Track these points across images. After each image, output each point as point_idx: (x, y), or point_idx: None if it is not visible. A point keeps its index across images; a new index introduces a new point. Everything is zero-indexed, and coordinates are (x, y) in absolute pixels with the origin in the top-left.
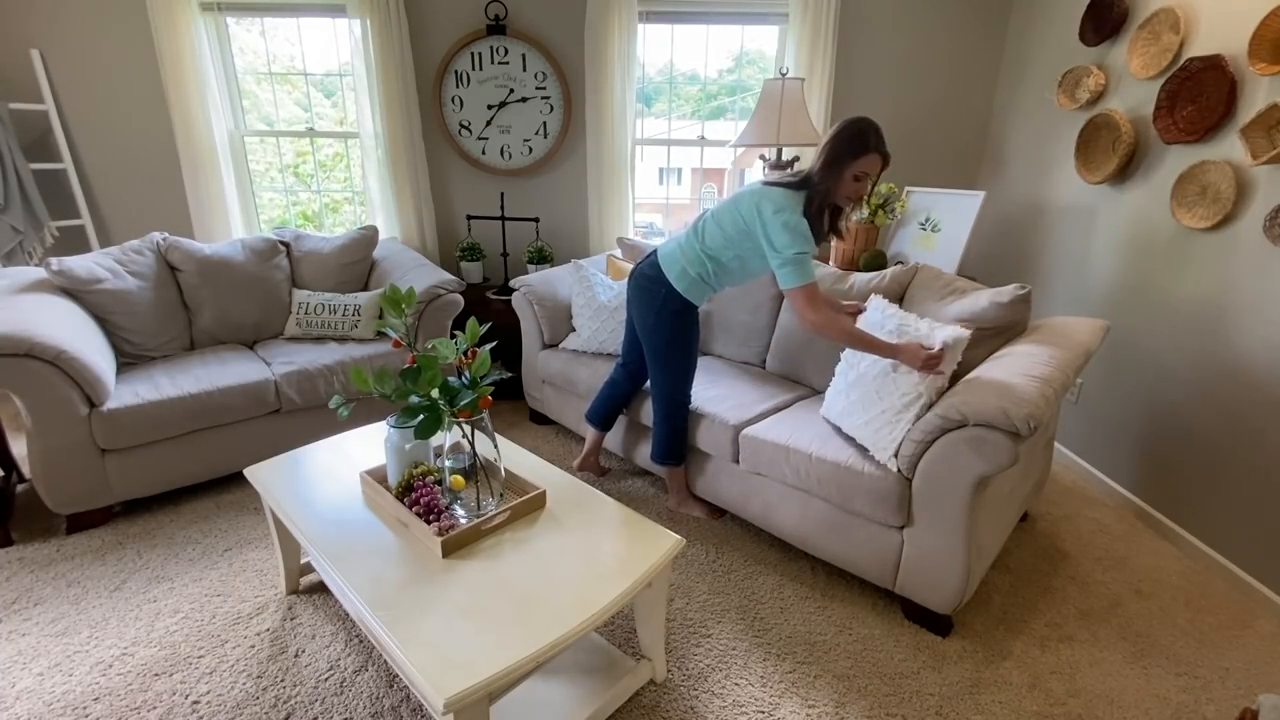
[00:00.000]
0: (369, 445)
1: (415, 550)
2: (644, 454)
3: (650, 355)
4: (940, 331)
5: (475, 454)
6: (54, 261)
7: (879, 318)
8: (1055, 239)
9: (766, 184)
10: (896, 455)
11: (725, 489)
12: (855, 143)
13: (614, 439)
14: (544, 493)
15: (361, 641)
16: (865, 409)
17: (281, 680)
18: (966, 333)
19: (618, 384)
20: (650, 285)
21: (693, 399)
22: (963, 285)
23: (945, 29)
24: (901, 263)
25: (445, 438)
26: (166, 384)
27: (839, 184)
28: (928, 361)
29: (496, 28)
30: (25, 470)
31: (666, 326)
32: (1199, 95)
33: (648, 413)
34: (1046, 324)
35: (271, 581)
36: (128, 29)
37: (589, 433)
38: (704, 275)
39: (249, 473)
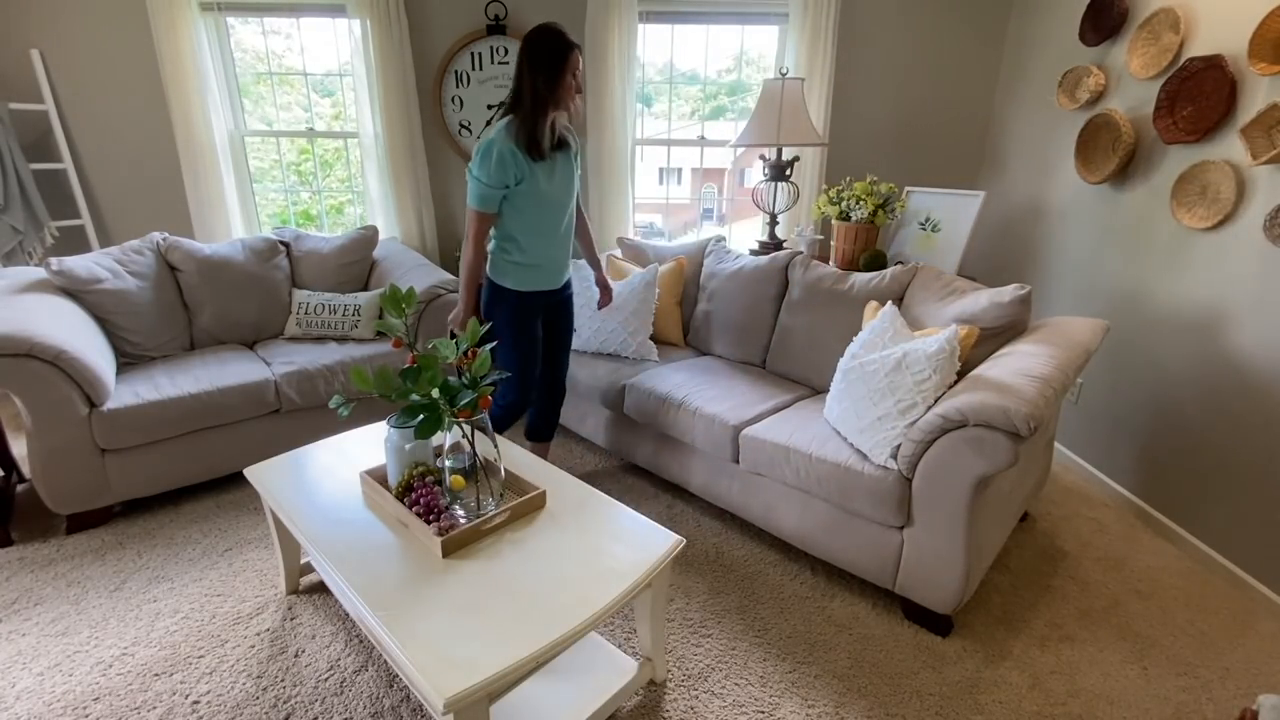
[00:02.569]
0: (369, 445)
1: (415, 550)
2: (642, 453)
3: (569, 346)
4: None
5: (475, 454)
6: (54, 261)
7: (885, 325)
8: (1055, 239)
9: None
10: (895, 457)
11: (725, 489)
12: (561, 46)
13: (612, 438)
14: (544, 493)
15: (361, 641)
16: (859, 415)
17: (281, 680)
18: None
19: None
20: (571, 293)
21: (692, 399)
22: (962, 285)
23: (945, 29)
24: (901, 263)
25: (445, 438)
26: (166, 384)
27: (565, 90)
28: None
29: (496, 28)
30: (25, 470)
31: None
32: (1199, 95)
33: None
34: (1046, 324)
35: (271, 581)
36: (128, 29)
37: (530, 448)
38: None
39: (249, 473)
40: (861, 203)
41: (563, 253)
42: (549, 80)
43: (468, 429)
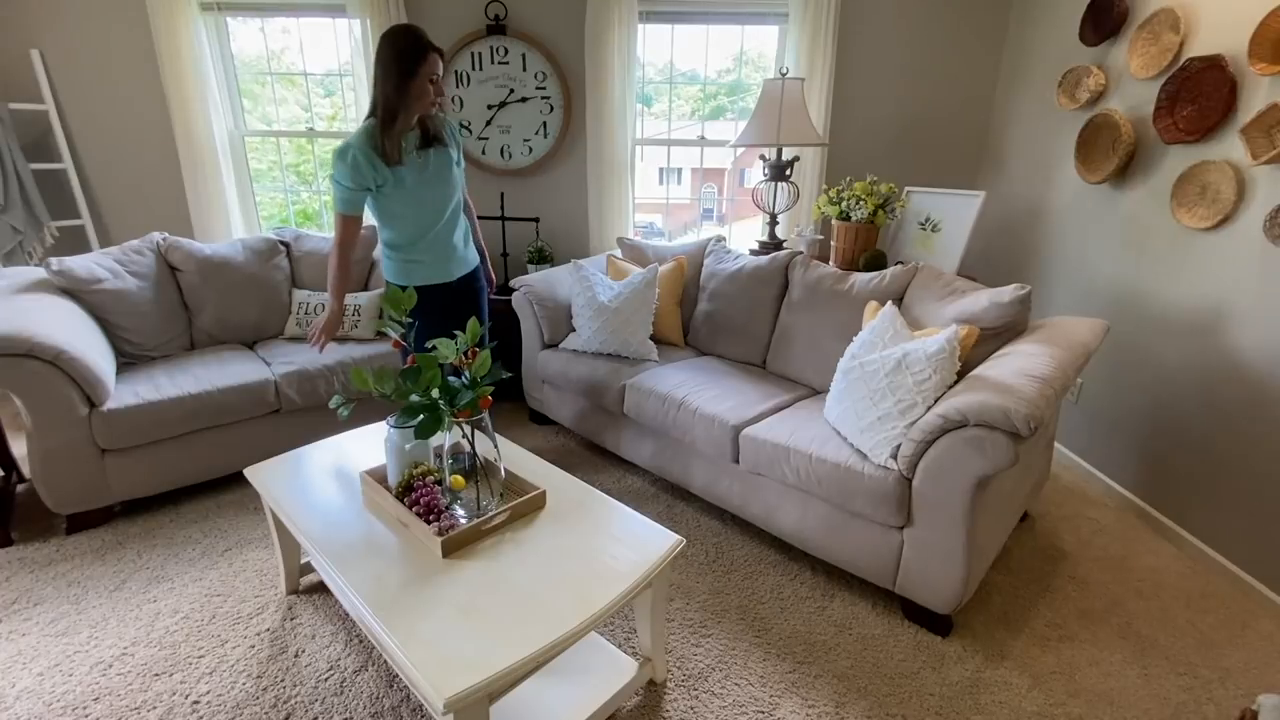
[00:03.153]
0: (369, 445)
1: (415, 550)
2: (642, 453)
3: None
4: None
5: (475, 454)
6: (54, 261)
7: (885, 324)
8: (1055, 239)
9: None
10: (895, 457)
11: (725, 489)
12: (415, 50)
13: (611, 438)
14: (544, 493)
15: (361, 641)
16: (859, 415)
17: (281, 680)
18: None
19: None
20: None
21: (692, 399)
22: (962, 285)
23: (945, 29)
24: (901, 263)
25: (445, 438)
26: (166, 384)
27: (419, 95)
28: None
29: (496, 28)
30: (25, 470)
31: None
32: (1199, 95)
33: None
34: (1046, 324)
35: (271, 581)
36: (128, 29)
37: None
38: (390, 253)
39: (249, 473)
40: (861, 203)
41: (445, 247)
42: (398, 87)
43: (468, 429)
